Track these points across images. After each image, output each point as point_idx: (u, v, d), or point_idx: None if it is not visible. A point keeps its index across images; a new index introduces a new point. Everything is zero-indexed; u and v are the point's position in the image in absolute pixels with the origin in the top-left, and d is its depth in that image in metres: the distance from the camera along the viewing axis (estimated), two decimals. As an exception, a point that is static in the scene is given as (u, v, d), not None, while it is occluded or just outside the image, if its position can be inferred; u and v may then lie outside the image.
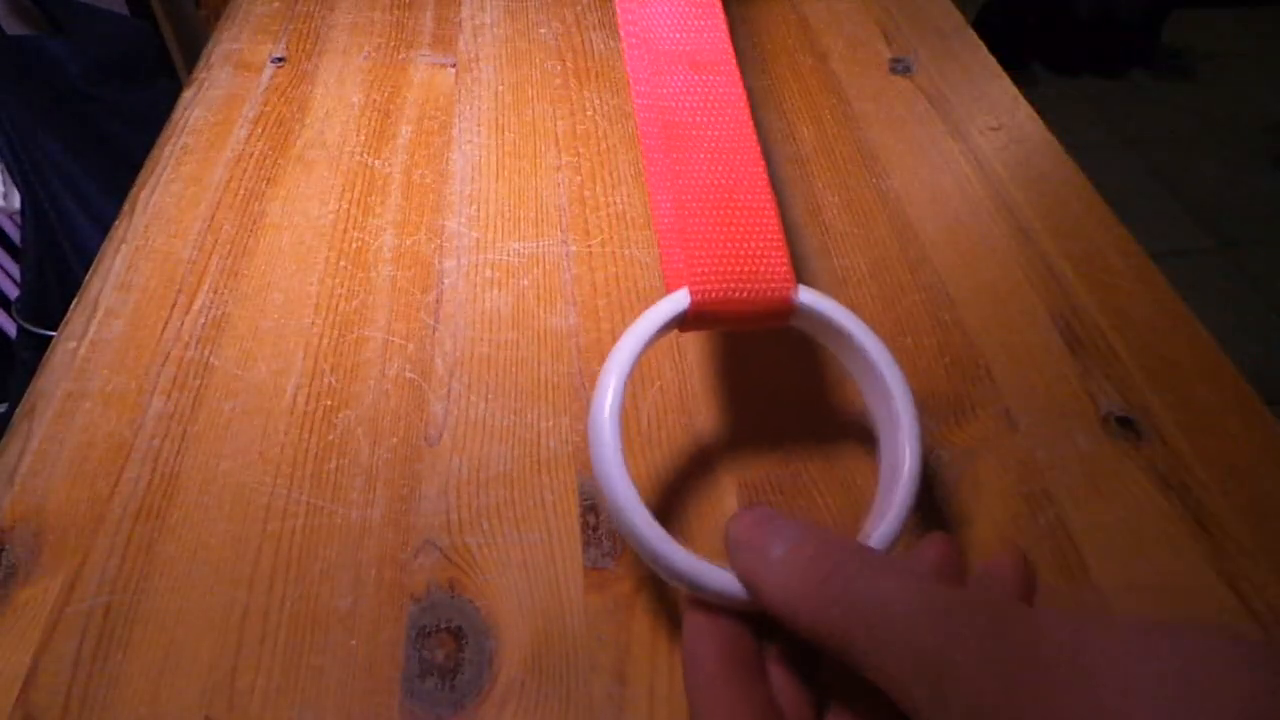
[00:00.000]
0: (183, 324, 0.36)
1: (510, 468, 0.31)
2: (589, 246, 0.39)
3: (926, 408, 0.33)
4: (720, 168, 0.29)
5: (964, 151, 0.43)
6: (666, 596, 0.27)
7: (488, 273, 0.38)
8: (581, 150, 0.44)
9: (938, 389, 0.33)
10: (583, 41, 0.51)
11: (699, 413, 0.32)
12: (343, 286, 0.37)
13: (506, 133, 0.45)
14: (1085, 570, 0.28)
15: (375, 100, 0.47)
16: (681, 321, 0.27)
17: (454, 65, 0.50)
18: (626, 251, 0.39)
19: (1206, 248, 1.60)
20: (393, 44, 0.51)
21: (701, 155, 0.29)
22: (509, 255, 0.38)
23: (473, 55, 0.50)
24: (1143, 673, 0.15)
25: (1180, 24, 2.09)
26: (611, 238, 0.39)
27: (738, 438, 0.31)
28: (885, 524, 0.24)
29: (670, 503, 0.30)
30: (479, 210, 0.41)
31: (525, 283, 0.37)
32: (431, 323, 0.36)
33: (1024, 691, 0.16)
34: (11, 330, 1.06)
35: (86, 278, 0.38)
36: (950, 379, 0.34)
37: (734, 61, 0.31)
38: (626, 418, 0.32)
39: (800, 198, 0.41)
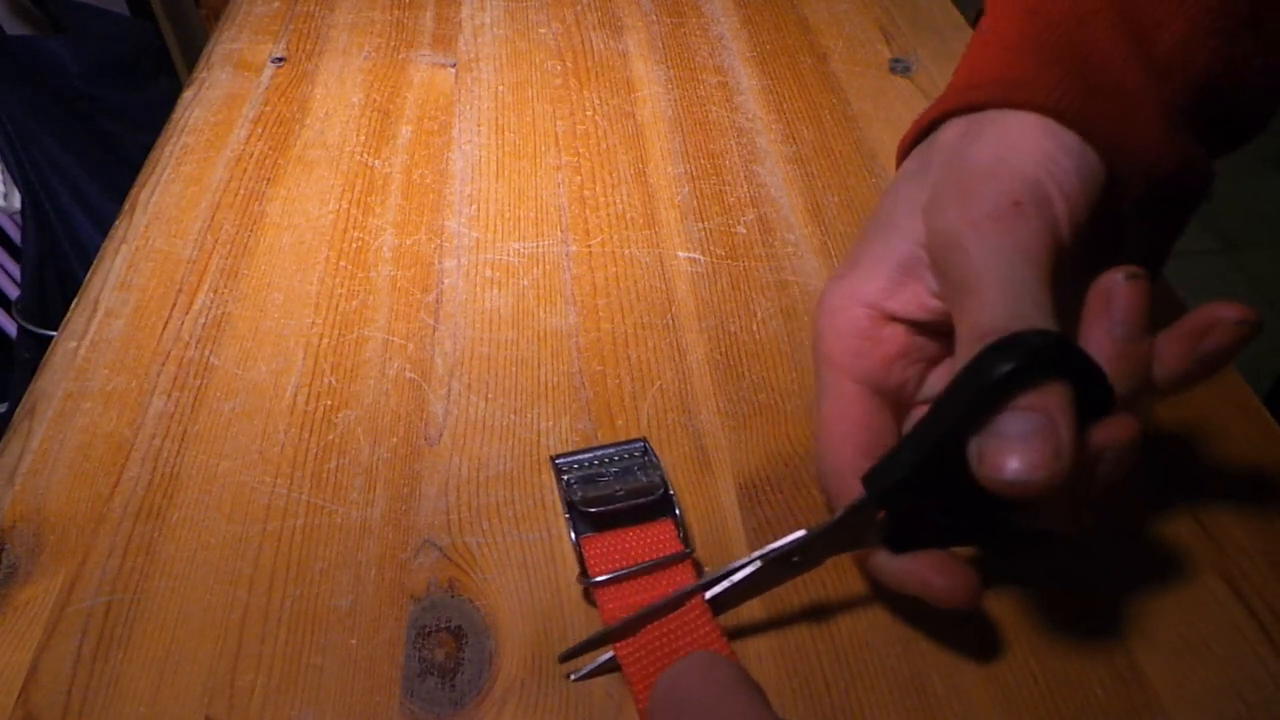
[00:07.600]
0: (183, 324, 0.36)
1: (510, 467, 0.31)
2: (589, 246, 0.39)
3: (926, 407, 0.32)
4: None
5: (964, 151, 0.43)
6: (666, 596, 0.27)
7: (488, 273, 0.38)
8: (581, 150, 0.44)
9: (938, 389, 0.33)
10: (583, 41, 0.51)
11: (699, 413, 0.32)
12: (343, 286, 0.37)
13: (506, 133, 0.45)
14: (1085, 572, 0.28)
15: (375, 100, 0.47)
16: None
17: (454, 65, 0.50)
18: (626, 251, 0.39)
19: (1207, 248, 1.60)
20: (393, 44, 0.51)
21: None
22: (509, 255, 0.38)
23: (473, 55, 0.50)
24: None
25: (1180, 24, 2.09)
26: (611, 238, 0.39)
27: (738, 438, 0.31)
28: None
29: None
30: (479, 210, 0.41)
31: (525, 283, 0.37)
32: (431, 323, 0.36)
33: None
34: (11, 330, 1.06)
35: (86, 278, 0.38)
36: (950, 379, 0.34)
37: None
38: (626, 417, 0.32)
39: (800, 198, 0.41)
